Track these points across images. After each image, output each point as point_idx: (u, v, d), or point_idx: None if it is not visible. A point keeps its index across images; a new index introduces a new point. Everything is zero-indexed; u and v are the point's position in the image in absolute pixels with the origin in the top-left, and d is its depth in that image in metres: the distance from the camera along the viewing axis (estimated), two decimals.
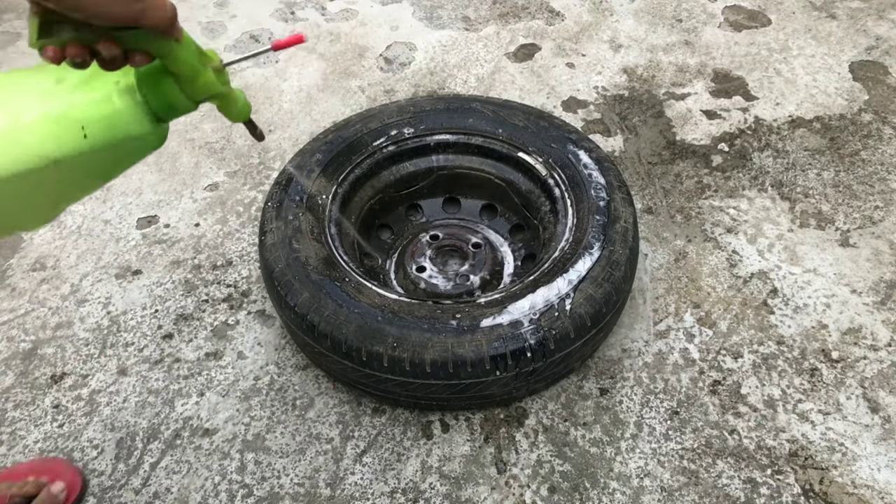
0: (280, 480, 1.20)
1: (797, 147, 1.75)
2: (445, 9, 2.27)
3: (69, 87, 0.69)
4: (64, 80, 0.70)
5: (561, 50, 2.08)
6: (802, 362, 1.33)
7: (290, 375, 1.35)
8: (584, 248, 1.24)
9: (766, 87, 1.92)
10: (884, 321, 1.38)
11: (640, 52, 2.06)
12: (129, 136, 0.71)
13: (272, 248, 1.27)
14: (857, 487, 1.16)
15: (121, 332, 1.43)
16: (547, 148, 1.43)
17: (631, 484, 1.17)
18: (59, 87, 0.69)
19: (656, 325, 1.39)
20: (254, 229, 1.61)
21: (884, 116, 1.81)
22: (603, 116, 1.87)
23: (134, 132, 0.71)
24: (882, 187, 1.64)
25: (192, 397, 1.32)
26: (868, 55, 1.99)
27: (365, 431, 1.26)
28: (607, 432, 1.24)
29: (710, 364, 1.33)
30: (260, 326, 1.43)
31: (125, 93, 0.71)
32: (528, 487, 1.18)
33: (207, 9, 2.32)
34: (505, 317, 1.16)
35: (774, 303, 1.42)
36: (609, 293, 1.20)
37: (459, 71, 2.03)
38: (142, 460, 1.24)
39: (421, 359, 1.12)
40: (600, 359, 1.34)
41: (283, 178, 1.39)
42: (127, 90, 0.72)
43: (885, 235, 1.54)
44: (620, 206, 1.32)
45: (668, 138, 1.80)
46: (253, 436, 1.26)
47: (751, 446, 1.21)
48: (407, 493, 1.18)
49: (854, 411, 1.25)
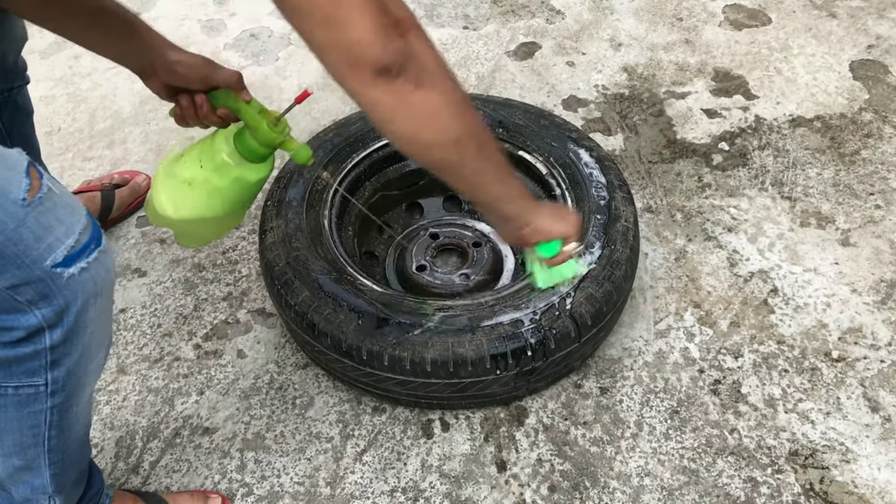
0: (280, 479, 1.20)
1: (797, 146, 1.75)
2: (445, 7, 2.27)
3: (214, 165, 1.03)
4: (203, 160, 1.04)
5: (561, 48, 2.08)
6: (803, 361, 1.33)
7: (289, 374, 1.35)
8: (584, 247, 1.24)
9: (767, 85, 1.92)
10: (884, 320, 1.38)
11: (641, 51, 2.06)
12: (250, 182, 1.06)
13: (272, 247, 1.27)
14: (858, 487, 1.16)
15: (120, 331, 1.42)
16: (547, 147, 1.43)
17: (631, 483, 1.17)
18: (208, 166, 1.04)
19: (657, 325, 1.39)
20: (254, 227, 1.61)
21: (884, 115, 1.81)
22: (603, 115, 1.87)
23: (251, 179, 1.05)
24: (882, 186, 1.64)
25: (191, 396, 1.32)
26: (868, 54, 1.99)
27: (365, 430, 1.26)
28: (607, 431, 1.24)
29: (711, 363, 1.33)
30: (260, 325, 1.43)
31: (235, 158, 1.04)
32: (528, 486, 1.18)
33: (207, 6, 2.32)
34: (505, 316, 1.16)
35: (775, 302, 1.42)
36: (609, 292, 1.20)
37: (459, 69, 2.03)
38: (141, 459, 1.24)
39: (421, 357, 1.12)
40: (601, 358, 1.34)
41: (284, 176, 1.39)
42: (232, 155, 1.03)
43: (886, 235, 1.54)
44: (621, 205, 1.32)
45: (669, 137, 1.79)
46: (253, 434, 1.26)
47: (751, 445, 1.21)
48: (407, 491, 1.18)
49: (854, 411, 1.25)
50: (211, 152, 1.04)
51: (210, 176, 1.03)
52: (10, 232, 0.66)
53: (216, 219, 1.08)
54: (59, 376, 0.77)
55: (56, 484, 0.89)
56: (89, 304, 0.74)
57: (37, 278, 0.69)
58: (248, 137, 1.02)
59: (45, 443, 0.83)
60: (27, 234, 0.67)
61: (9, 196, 0.66)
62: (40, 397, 0.78)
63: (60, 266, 0.70)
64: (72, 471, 0.92)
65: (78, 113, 1.92)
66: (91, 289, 0.74)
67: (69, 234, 0.70)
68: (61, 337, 0.73)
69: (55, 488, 0.89)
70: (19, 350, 0.73)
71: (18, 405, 0.78)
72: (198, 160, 1.05)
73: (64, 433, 0.84)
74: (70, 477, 0.92)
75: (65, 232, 0.70)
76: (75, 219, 0.72)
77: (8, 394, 0.77)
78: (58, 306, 0.71)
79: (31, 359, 0.74)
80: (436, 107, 0.74)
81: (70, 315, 0.73)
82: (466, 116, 0.78)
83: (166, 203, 1.05)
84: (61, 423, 0.82)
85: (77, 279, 0.71)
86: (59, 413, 0.81)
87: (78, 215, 0.73)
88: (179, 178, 1.04)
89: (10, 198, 0.66)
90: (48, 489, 0.89)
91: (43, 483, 0.88)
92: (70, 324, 0.73)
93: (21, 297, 0.69)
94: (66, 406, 0.81)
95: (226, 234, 1.58)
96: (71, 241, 0.70)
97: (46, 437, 0.83)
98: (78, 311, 0.73)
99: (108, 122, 1.89)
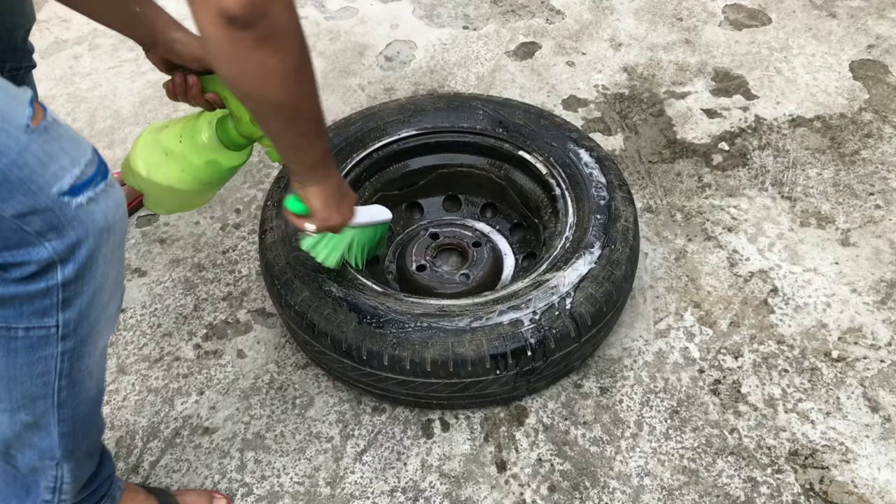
0: (280, 479, 1.20)
1: (797, 146, 1.75)
2: (446, 7, 2.27)
3: (193, 143, 1.12)
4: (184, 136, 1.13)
5: (561, 48, 2.08)
6: (803, 361, 1.33)
7: (289, 374, 1.35)
8: (584, 246, 1.24)
9: (767, 85, 1.92)
10: (884, 320, 1.38)
11: (641, 51, 2.06)
12: (223, 167, 1.15)
13: (272, 247, 1.27)
14: (858, 487, 1.16)
15: (120, 331, 1.42)
16: (547, 146, 1.43)
17: (631, 483, 1.17)
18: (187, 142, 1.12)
19: (656, 325, 1.39)
20: (254, 227, 1.61)
21: (884, 115, 1.81)
22: (603, 115, 1.87)
23: (224, 165, 1.14)
24: (882, 186, 1.64)
25: (191, 396, 1.32)
26: (868, 54, 1.99)
27: (365, 430, 1.26)
28: (607, 431, 1.24)
29: (711, 363, 1.33)
30: (260, 325, 1.43)
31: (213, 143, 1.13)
32: (528, 486, 1.18)
33: None
34: (505, 315, 1.16)
35: (775, 302, 1.42)
36: (610, 292, 1.20)
37: (459, 69, 2.03)
38: (141, 459, 1.24)
39: (421, 357, 1.12)
40: (600, 358, 1.34)
41: (284, 176, 1.39)
42: (211, 139, 1.12)
43: (886, 235, 1.54)
44: (621, 205, 1.32)
45: (669, 137, 1.80)
46: (253, 434, 1.26)
47: (751, 445, 1.21)
48: (407, 491, 1.18)
49: (854, 411, 1.25)
50: (192, 131, 1.12)
51: (187, 152, 1.11)
52: (15, 155, 0.66)
53: (184, 192, 1.15)
54: (70, 318, 0.76)
55: (65, 447, 0.85)
56: (101, 239, 0.74)
57: (44, 206, 0.69)
58: (230, 126, 1.10)
59: (55, 394, 0.81)
60: (32, 160, 0.67)
61: (12, 122, 0.67)
62: (51, 340, 0.77)
63: (67, 195, 0.70)
64: (82, 438, 0.88)
65: (78, 113, 1.92)
66: (102, 222, 0.73)
67: (75, 164, 0.71)
68: (73, 273, 0.73)
69: (63, 452, 0.86)
70: (31, 286, 0.72)
71: (28, 349, 0.76)
72: (178, 135, 1.13)
73: (75, 386, 0.82)
74: (80, 445, 0.88)
75: (70, 161, 0.70)
76: (80, 151, 0.72)
77: (18, 336, 0.75)
78: (69, 239, 0.71)
79: (43, 296, 0.73)
80: (269, 69, 0.77)
81: (82, 249, 0.72)
82: (295, 87, 0.81)
83: (141, 164, 1.13)
84: (72, 373, 0.80)
85: (86, 210, 0.71)
86: (69, 361, 0.79)
87: (83, 148, 0.73)
88: (159, 146, 1.12)
89: (14, 124, 0.67)
90: (56, 453, 0.85)
91: (51, 445, 0.84)
92: (82, 259, 0.73)
93: (29, 228, 0.69)
94: (78, 354, 0.80)
95: (196, 210, 1.59)
96: (76, 170, 0.71)
97: (56, 388, 0.80)
98: (90, 246, 0.73)
99: (107, 122, 1.89)
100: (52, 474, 0.88)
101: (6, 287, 0.72)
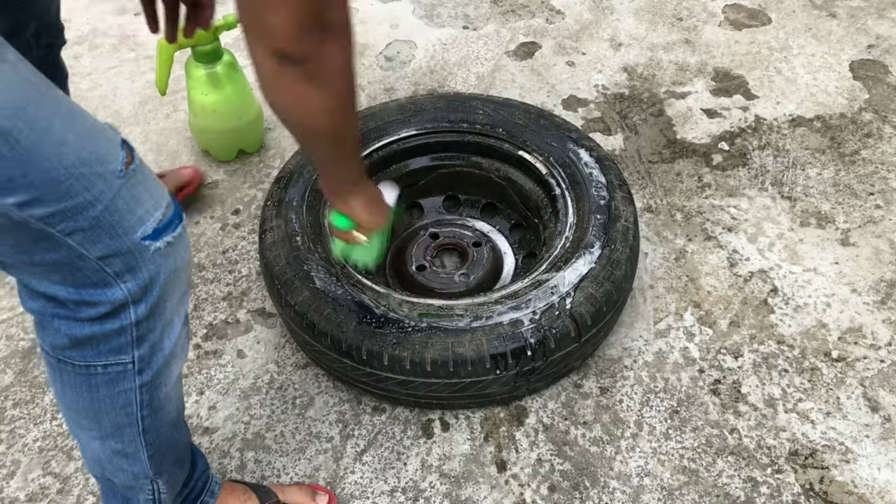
0: (280, 479, 1.20)
1: (797, 146, 1.75)
2: (446, 7, 2.27)
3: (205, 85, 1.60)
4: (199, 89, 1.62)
5: (561, 48, 2.08)
6: (803, 361, 1.33)
7: (289, 374, 1.35)
8: (584, 246, 1.24)
9: (767, 85, 1.92)
10: (884, 320, 1.38)
11: (641, 51, 2.06)
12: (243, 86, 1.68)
13: (272, 247, 1.27)
14: (858, 487, 1.16)
15: None
16: (547, 146, 1.43)
17: (631, 483, 1.17)
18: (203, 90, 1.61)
19: (656, 324, 1.39)
20: (254, 227, 1.61)
21: (884, 115, 1.81)
22: (603, 115, 1.87)
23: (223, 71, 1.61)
24: (882, 186, 1.64)
25: (191, 396, 1.32)
26: (868, 54, 1.99)
27: (365, 430, 1.26)
28: (607, 431, 1.24)
29: (711, 363, 1.33)
30: (260, 325, 1.43)
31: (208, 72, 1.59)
32: (528, 486, 1.18)
33: None
34: (505, 315, 1.16)
35: (775, 302, 1.42)
36: (610, 292, 1.20)
37: (459, 69, 2.03)
38: None
39: (421, 357, 1.12)
40: (600, 358, 1.34)
41: (284, 176, 1.39)
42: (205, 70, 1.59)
43: (886, 234, 1.54)
44: (621, 205, 1.32)
45: (669, 137, 1.80)
46: (252, 434, 1.26)
47: (751, 445, 1.21)
48: (407, 491, 1.18)
49: (854, 411, 1.25)
50: (195, 80, 1.57)
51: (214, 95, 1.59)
52: (108, 202, 0.68)
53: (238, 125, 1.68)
54: (144, 353, 0.78)
55: (155, 467, 0.89)
56: (171, 279, 0.76)
57: (126, 250, 0.70)
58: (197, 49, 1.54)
59: (139, 423, 0.83)
60: (122, 205, 0.69)
61: (108, 167, 0.68)
62: (129, 375, 0.79)
63: (149, 239, 0.72)
64: (168, 453, 0.92)
65: None
66: (172, 264, 0.75)
67: (157, 208, 0.73)
68: (146, 312, 0.75)
69: (155, 471, 0.89)
70: (106, 326, 0.74)
71: (109, 384, 0.79)
72: (201, 93, 1.60)
73: (156, 413, 0.85)
74: (167, 459, 0.92)
75: (153, 205, 0.72)
76: (161, 194, 0.74)
77: (98, 372, 0.78)
78: (142, 280, 0.73)
79: (118, 335, 0.75)
80: (314, 103, 0.79)
81: (154, 290, 0.74)
82: (338, 120, 0.84)
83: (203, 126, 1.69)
84: (152, 402, 0.83)
85: (161, 253, 0.73)
86: (149, 392, 0.82)
87: (163, 191, 0.75)
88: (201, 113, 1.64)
89: (109, 168, 0.69)
90: (148, 473, 0.89)
91: (142, 468, 0.88)
92: (154, 299, 0.75)
93: (110, 269, 0.71)
94: (156, 384, 0.82)
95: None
96: (159, 214, 0.73)
97: (139, 417, 0.83)
98: (161, 286, 0.75)
99: (107, 122, 1.89)
100: (148, 489, 0.92)
101: (83, 328, 0.74)
